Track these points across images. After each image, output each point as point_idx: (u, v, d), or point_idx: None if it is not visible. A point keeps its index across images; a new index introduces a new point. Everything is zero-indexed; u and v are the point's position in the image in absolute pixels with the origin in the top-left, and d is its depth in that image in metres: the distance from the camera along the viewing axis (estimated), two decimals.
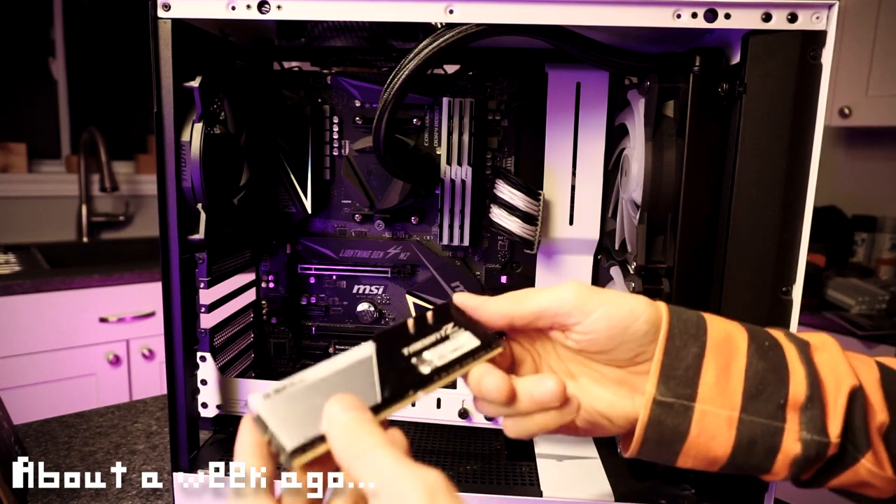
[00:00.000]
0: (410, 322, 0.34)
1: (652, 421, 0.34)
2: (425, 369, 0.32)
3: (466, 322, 0.35)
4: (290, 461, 0.27)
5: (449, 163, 0.58)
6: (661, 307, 0.35)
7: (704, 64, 0.43)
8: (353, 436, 0.27)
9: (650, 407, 0.34)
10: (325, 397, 0.28)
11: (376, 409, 0.29)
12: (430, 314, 0.35)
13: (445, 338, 0.34)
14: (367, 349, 0.32)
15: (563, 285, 0.35)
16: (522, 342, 0.38)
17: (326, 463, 0.29)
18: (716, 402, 0.34)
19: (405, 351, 0.33)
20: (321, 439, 0.27)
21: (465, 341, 0.34)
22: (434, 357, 0.33)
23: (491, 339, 0.35)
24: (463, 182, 0.58)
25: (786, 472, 0.34)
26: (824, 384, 0.34)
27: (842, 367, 0.34)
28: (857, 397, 0.34)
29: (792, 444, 0.33)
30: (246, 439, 0.28)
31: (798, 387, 0.34)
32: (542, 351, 0.38)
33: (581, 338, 0.35)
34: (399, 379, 0.31)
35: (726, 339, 0.35)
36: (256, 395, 0.28)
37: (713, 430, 0.34)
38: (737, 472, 0.36)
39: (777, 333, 0.36)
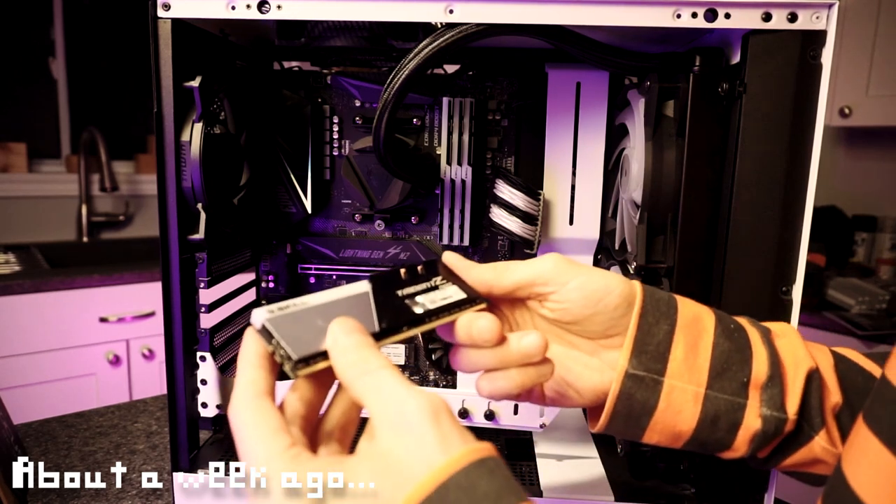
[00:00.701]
0: (402, 270, 0.36)
1: (623, 393, 0.35)
2: (418, 310, 0.34)
3: (453, 278, 0.37)
4: (295, 371, 0.28)
5: (449, 163, 0.58)
6: (636, 285, 0.37)
7: (704, 64, 0.43)
8: (358, 356, 0.28)
9: (622, 380, 0.35)
10: (327, 320, 0.30)
11: (374, 338, 0.31)
12: (420, 266, 0.37)
13: (435, 287, 0.36)
14: (364, 286, 0.33)
15: (543, 257, 0.37)
16: (502, 309, 0.39)
17: (324, 380, 0.30)
18: (684, 377, 0.35)
19: (399, 293, 0.34)
20: (323, 355, 0.29)
21: (452, 293, 0.36)
22: (426, 301, 0.34)
23: (476, 294, 0.36)
24: (463, 182, 0.58)
25: (745, 448, 0.36)
26: (784, 365, 0.36)
27: (800, 351, 0.36)
28: (813, 379, 0.36)
29: (753, 419, 0.35)
30: (250, 348, 0.29)
31: (760, 366, 0.35)
32: (519, 319, 0.39)
33: (556, 306, 0.36)
34: (394, 315, 0.33)
35: (695, 319, 0.36)
36: (260, 309, 0.29)
37: (680, 405, 0.35)
38: (698, 449, 0.37)
39: (741, 319, 0.38)
